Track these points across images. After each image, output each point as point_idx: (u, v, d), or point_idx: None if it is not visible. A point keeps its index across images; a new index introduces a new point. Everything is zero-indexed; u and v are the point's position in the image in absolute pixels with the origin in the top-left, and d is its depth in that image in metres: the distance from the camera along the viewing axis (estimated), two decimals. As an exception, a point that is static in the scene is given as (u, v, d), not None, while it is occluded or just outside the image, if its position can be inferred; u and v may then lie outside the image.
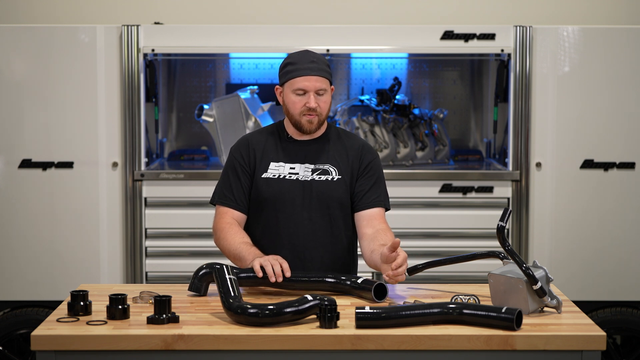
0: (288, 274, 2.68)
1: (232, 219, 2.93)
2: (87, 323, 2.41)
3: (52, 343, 2.32)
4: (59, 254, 4.19)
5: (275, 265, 2.68)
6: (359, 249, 2.97)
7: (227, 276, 2.53)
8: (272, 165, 2.93)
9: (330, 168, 2.93)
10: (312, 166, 2.93)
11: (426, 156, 4.48)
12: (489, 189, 4.20)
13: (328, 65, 2.92)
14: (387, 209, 2.97)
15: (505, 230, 2.88)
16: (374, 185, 2.94)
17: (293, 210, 2.86)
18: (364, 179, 2.94)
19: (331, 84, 2.93)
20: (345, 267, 2.96)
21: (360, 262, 3.04)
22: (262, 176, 2.92)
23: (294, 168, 2.93)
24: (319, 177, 2.91)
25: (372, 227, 2.88)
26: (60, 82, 4.16)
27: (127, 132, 4.19)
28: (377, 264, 2.73)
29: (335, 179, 2.91)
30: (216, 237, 2.93)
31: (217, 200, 2.96)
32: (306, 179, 2.90)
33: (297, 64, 2.88)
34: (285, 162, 2.93)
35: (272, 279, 2.66)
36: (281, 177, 2.91)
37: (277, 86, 2.94)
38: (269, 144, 2.96)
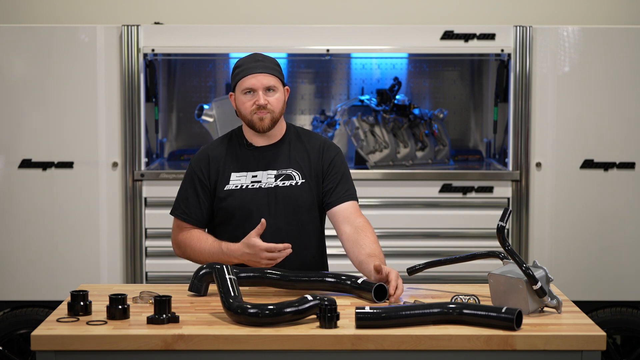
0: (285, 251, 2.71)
1: (192, 228, 2.93)
2: (87, 323, 2.41)
3: (52, 343, 2.32)
4: (59, 254, 4.19)
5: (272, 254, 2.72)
6: (330, 249, 3.03)
7: (227, 276, 2.53)
8: (234, 175, 2.91)
9: (293, 172, 2.91)
10: (274, 172, 2.91)
11: (426, 156, 4.48)
12: (489, 189, 4.20)
13: (277, 65, 2.90)
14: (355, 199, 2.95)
15: (505, 230, 2.88)
16: (341, 181, 2.93)
17: (259, 220, 2.80)
18: (330, 177, 2.92)
19: (284, 84, 2.91)
20: (315, 269, 2.94)
21: (332, 262, 3.08)
22: (225, 188, 2.90)
23: (256, 176, 2.90)
24: (283, 183, 2.89)
25: (349, 223, 2.87)
26: (60, 82, 4.17)
27: (127, 132, 4.19)
28: (368, 276, 2.73)
29: (299, 183, 2.90)
30: (179, 250, 2.93)
31: (173, 212, 2.97)
32: (270, 185, 2.89)
33: (243, 66, 2.87)
34: (247, 171, 2.91)
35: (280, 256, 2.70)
36: (244, 187, 2.89)
37: (230, 93, 2.93)
38: (229, 154, 2.93)
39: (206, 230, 2.98)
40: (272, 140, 2.94)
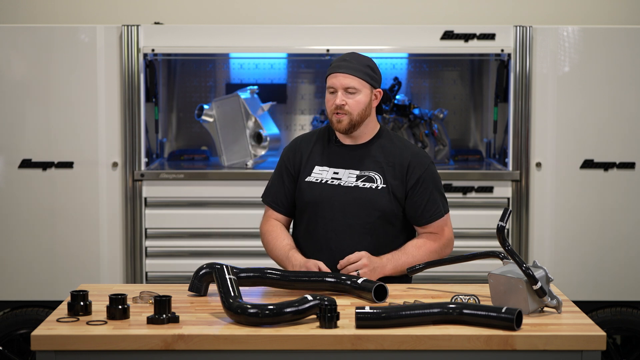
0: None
1: (276, 221, 2.98)
2: (87, 323, 2.41)
3: (52, 343, 2.32)
4: (59, 254, 4.19)
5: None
6: None
7: (227, 276, 2.53)
8: (317, 169, 2.92)
9: (375, 175, 2.89)
10: (356, 172, 2.90)
11: (426, 156, 4.47)
12: (489, 189, 4.20)
13: (368, 66, 2.88)
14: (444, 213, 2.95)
15: (505, 230, 2.88)
16: (430, 198, 2.90)
17: (333, 216, 2.84)
18: (417, 195, 2.89)
19: (374, 87, 2.89)
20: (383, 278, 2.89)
21: None
22: (306, 179, 2.92)
23: (337, 173, 2.91)
24: (363, 184, 2.88)
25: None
26: (60, 82, 4.17)
27: (127, 132, 4.19)
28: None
29: (379, 187, 2.87)
30: (262, 239, 3.00)
31: (263, 199, 3.02)
32: (349, 184, 2.88)
33: (334, 63, 2.89)
34: (330, 167, 2.92)
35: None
36: (323, 181, 2.90)
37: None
38: (316, 147, 2.95)
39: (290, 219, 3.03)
40: (359, 141, 2.93)
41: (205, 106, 4.44)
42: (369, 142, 2.93)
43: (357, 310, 2.36)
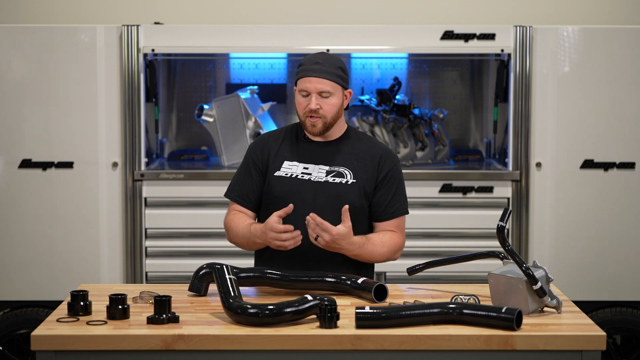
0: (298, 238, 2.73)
1: (238, 212, 2.95)
2: (87, 323, 2.41)
3: (52, 343, 2.32)
4: (59, 254, 4.19)
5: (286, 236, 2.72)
6: None
7: (227, 276, 2.53)
8: (286, 164, 2.92)
9: (345, 171, 2.90)
10: (326, 167, 2.91)
11: (426, 156, 4.48)
12: (489, 189, 4.20)
13: (339, 67, 2.87)
14: (406, 213, 2.97)
15: (505, 230, 2.88)
16: (395, 195, 2.92)
17: (303, 211, 2.82)
18: (384, 189, 2.91)
19: (344, 88, 2.89)
20: (353, 271, 2.89)
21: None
22: (275, 174, 2.91)
23: (307, 168, 2.91)
24: (333, 179, 2.89)
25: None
26: (60, 82, 4.17)
27: (127, 132, 4.19)
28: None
29: (349, 182, 2.89)
30: (226, 233, 2.96)
31: (227, 194, 3.00)
32: (319, 180, 2.89)
33: (304, 65, 2.87)
34: (300, 162, 2.92)
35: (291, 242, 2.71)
36: (293, 176, 2.90)
37: (294, 86, 2.94)
38: (286, 142, 2.95)
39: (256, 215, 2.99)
40: (329, 138, 2.94)
41: (205, 106, 4.44)
42: (338, 139, 2.95)
43: (357, 310, 2.36)
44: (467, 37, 4.21)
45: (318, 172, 2.90)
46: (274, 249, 2.79)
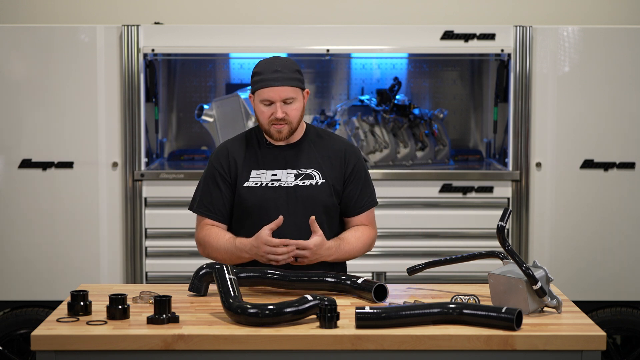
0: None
1: (211, 226, 2.91)
2: (87, 323, 2.41)
3: (52, 343, 2.32)
4: (59, 254, 4.19)
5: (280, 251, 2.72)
6: None
7: (227, 276, 2.53)
8: (254, 173, 2.90)
9: (313, 172, 2.90)
10: (294, 171, 2.90)
11: (426, 156, 4.48)
12: (489, 189, 4.20)
13: (297, 71, 2.85)
14: (376, 204, 2.99)
15: (505, 230, 2.88)
16: (363, 188, 2.94)
17: (276, 218, 2.78)
18: (352, 184, 2.93)
19: (303, 89, 2.87)
20: (331, 269, 2.90)
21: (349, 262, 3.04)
22: (245, 185, 2.89)
23: (275, 175, 2.89)
24: (303, 182, 2.89)
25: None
26: (60, 82, 4.17)
27: (127, 132, 4.19)
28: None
29: (319, 183, 2.89)
30: (202, 249, 2.91)
31: (196, 209, 2.94)
32: (289, 184, 2.88)
33: (262, 74, 2.83)
34: (267, 169, 2.90)
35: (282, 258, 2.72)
36: (264, 184, 2.88)
37: (250, 94, 2.90)
38: (249, 151, 2.92)
39: (227, 227, 2.96)
40: (292, 141, 2.93)
41: (205, 106, 4.44)
42: (300, 140, 2.94)
43: (357, 310, 2.36)
44: (467, 37, 4.21)
45: (287, 177, 2.89)
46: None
